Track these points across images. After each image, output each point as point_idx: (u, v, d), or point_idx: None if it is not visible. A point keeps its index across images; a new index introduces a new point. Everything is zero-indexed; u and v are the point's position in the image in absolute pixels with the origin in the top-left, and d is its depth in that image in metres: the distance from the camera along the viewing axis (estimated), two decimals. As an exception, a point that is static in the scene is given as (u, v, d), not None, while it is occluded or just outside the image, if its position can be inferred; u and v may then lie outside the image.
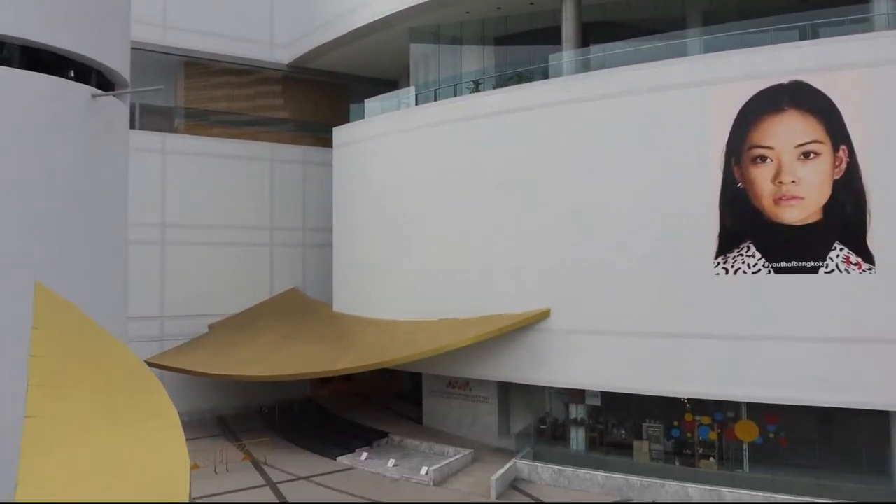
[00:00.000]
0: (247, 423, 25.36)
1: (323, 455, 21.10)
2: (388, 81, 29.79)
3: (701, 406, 17.76)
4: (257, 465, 20.19)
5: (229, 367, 22.29)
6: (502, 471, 17.94)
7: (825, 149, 15.78)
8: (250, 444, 21.94)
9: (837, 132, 15.67)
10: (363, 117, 24.91)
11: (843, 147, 15.64)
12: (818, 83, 15.78)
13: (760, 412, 17.14)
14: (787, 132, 16.11)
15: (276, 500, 14.19)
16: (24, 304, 8.11)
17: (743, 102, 16.49)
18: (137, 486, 5.45)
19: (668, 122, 17.44)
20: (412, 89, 23.91)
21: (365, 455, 20.64)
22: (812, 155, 15.88)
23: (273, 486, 18.41)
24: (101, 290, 10.19)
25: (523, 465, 18.78)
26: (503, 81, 21.57)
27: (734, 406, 17.50)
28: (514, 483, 18.33)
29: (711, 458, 17.50)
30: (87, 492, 5.23)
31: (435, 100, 22.65)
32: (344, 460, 20.53)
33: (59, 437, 5.74)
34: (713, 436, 17.63)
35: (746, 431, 17.23)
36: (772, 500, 15.71)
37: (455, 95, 22.12)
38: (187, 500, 5.21)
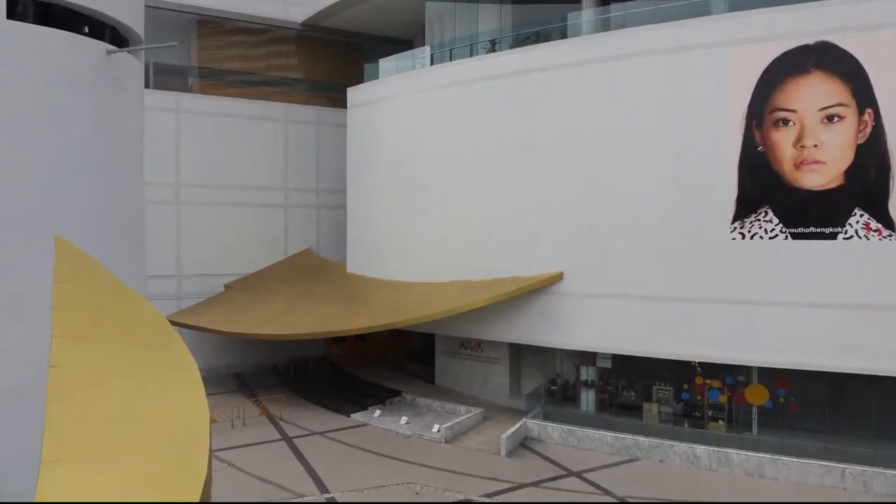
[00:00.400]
0: (262, 379, 25.90)
1: (337, 412, 21.56)
2: (402, 41, 29.27)
3: (712, 369, 17.84)
4: (273, 421, 20.71)
5: (245, 326, 22.66)
6: (512, 430, 18.25)
7: (850, 112, 15.40)
8: (266, 400, 22.46)
9: (863, 95, 15.25)
10: (377, 77, 24.59)
11: (868, 110, 15.25)
12: (846, 44, 15.30)
13: (771, 376, 17.19)
14: (811, 95, 15.71)
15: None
16: (45, 259, 8.26)
17: (766, 64, 16.06)
18: (161, 435, 5.62)
19: (689, 83, 17.06)
20: (427, 49, 23.50)
21: (378, 412, 21.07)
22: (836, 118, 15.51)
23: (289, 440, 18.92)
24: (119, 247, 10.33)
25: (533, 425, 19.08)
26: (520, 41, 21.13)
27: (745, 370, 17.55)
28: (524, 442, 18.67)
29: (720, 421, 17.65)
30: (113, 439, 5.41)
31: (450, 60, 22.23)
32: (357, 417, 20.98)
33: (83, 387, 5.90)
34: (723, 399, 17.76)
35: (757, 395, 17.32)
36: (778, 462, 15.92)
37: (471, 55, 21.73)
38: (209, 451, 5.37)
